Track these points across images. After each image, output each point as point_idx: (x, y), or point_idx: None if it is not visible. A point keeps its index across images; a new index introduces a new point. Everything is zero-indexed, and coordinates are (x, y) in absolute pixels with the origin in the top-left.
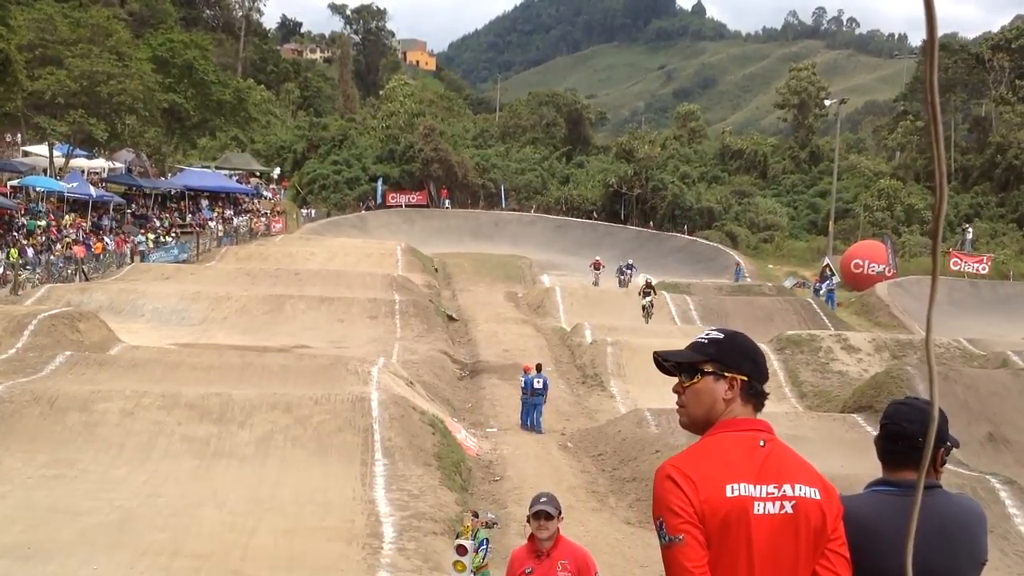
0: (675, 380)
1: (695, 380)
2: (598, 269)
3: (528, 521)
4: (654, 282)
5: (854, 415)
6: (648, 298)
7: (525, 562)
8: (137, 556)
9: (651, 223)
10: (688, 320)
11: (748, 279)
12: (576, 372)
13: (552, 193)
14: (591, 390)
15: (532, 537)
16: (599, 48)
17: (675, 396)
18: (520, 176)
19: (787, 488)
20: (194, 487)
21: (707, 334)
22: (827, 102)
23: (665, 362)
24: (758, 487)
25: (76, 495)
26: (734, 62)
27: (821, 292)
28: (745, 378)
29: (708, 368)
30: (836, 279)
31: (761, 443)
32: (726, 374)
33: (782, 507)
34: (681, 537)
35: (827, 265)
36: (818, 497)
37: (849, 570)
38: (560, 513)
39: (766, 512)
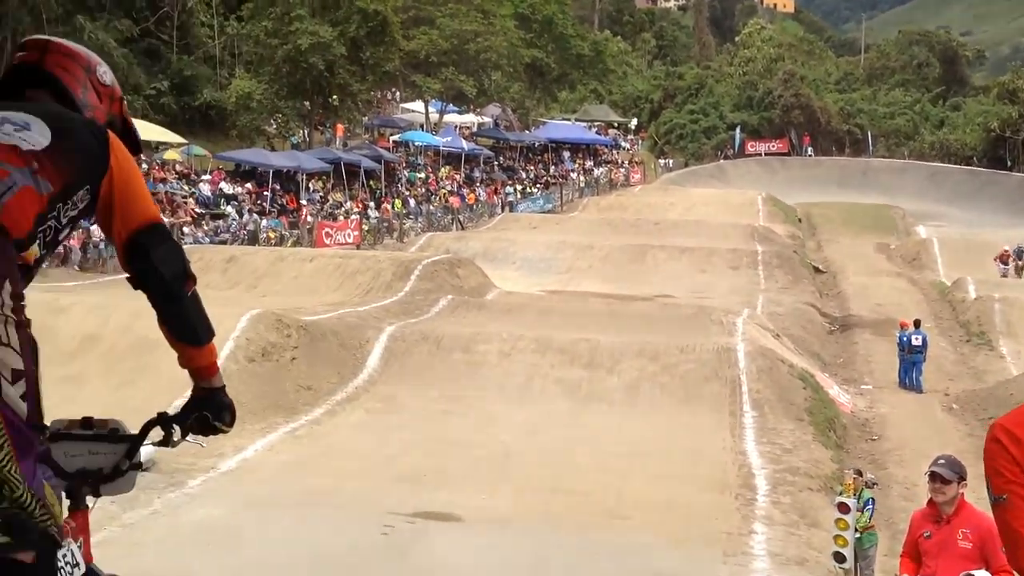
0: None
1: None
2: (1006, 263)
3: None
4: None
5: None
6: None
7: (924, 525)
8: (520, 489)
9: None
10: None
11: None
12: (959, 330)
13: (925, 138)
14: (977, 349)
15: (931, 500)
16: None
17: None
18: (889, 121)
19: None
20: (568, 428)
21: None
22: None
23: None
24: None
25: (464, 428)
26: None
27: None
28: None
29: None
30: None
31: None
32: None
33: None
34: (1004, 497)
35: None
36: None
37: None
38: (963, 479)
39: None
